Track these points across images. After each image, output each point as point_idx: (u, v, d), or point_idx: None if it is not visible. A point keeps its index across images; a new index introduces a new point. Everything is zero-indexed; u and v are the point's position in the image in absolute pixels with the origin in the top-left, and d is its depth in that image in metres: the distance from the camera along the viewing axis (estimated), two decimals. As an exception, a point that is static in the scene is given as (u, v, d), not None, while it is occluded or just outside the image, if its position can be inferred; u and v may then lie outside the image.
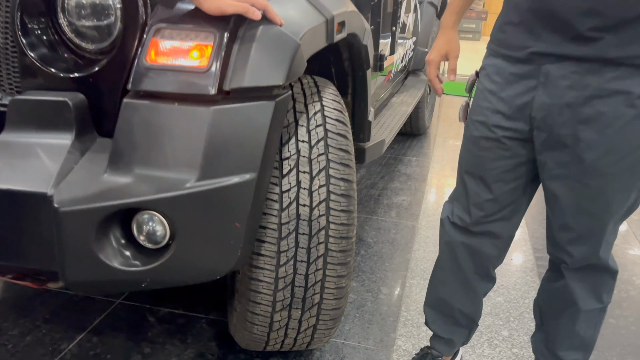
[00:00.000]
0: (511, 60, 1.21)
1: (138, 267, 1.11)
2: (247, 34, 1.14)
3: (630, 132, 1.11)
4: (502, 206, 1.33)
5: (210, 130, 1.09)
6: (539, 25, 1.14)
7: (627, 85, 1.09)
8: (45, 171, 1.08)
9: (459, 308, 1.50)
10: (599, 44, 1.09)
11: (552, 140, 1.18)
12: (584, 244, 1.27)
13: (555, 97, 1.15)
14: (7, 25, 1.19)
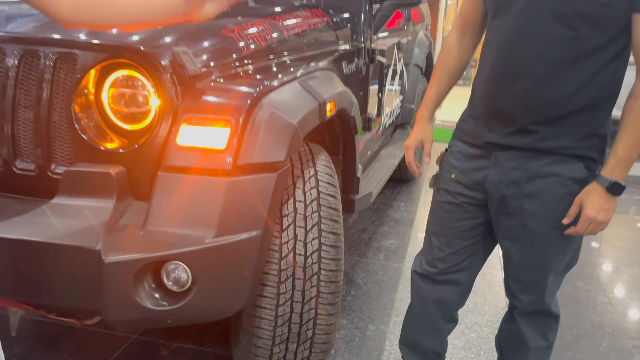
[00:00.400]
0: (471, 145, 1.50)
1: (166, 307, 1.38)
2: (256, 120, 1.43)
3: (563, 206, 1.40)
4: (462, 259, 1.60)
5: (226, 197, 1.38)
6: (492, 120, 1.44)
7: (559, 169, 1.38)
8: (93, 230, 1.36)
9: (427, 347, 1.75)
10: (537, 137, 1.38)
11: (502, 209, 1.47)
12: (531, 293, 1.55)
13: (503, 175, 1.44)
14: (63, 109, 1.49)
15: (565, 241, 1.46)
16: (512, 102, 1.39)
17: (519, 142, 1.40)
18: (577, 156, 1.38)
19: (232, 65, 1.64)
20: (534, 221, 1.43)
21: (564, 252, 1.48)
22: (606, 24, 1.29)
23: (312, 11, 2.31)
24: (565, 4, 1.29)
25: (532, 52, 1.34)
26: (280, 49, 1.92)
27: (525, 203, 1.43)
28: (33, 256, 1.34)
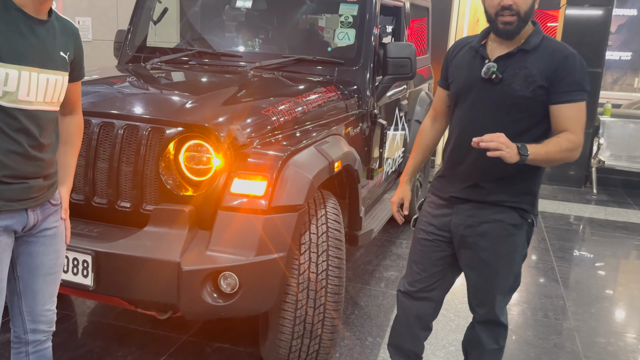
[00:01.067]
0: (439, 197, 2.11)
1: (220, 303, 2.01)
2: (284, 176, 2.09)
3: (506, 244, 1.99)
4: (435, 281, 2.17)
5: (263, 228, 2.02)
6: (454, 179, 2.05)
7: (501, 217, 1.97)
8: (174, 249, 2.01)
9: (408, 349, 2.31)
10: (485, 191, 1.98)
11: (462, 245, 2.06)
12: (484, 307, 2.12)
13: (462, 220, 2.03)
14: (152, 166, 2.17)
15: (508, 269, 2.04)
16: (468, 166, 1.99)
17: (472, 195, 2.00)
18: (513, 207, 1.97)
19: (268, 135, 2.32)
20: (485, 254, 2.01)
21: (507, 277, 2.06)
22: (533, 111, 1.90)
23: (326, 88, 3.00)
24: (504, 98, 1.90)
25: (480, 132, 1.86)
26: (302, 120, 2.60)
27: (478, 241, 2.01)
28: (134, 266, 2.00)
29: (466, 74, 1.97)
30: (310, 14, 3.81)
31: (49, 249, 1.75)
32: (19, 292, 1.77)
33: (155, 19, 3.78)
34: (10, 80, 1.49)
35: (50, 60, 1.60)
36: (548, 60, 1.87)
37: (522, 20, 1.86)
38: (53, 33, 1.62)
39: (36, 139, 1.60)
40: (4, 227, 1.60)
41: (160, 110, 2.28)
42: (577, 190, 6.21)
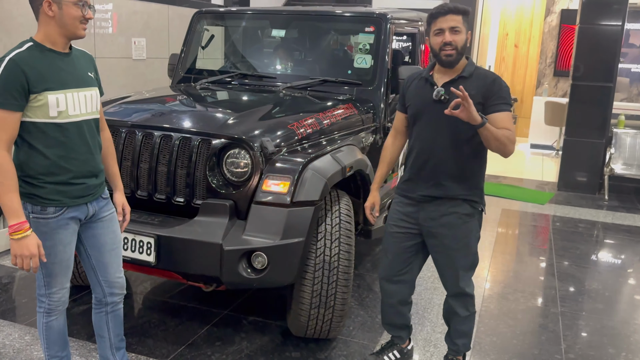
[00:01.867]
0: (406, 197, 2.63)
1: (253, 277, 2.59)
2: (304, 177, 2.66)
3: (462, 231, 2.53)
4: (406, 265, 2.69)
5: (286, 219, 2.59)
6: (419, 180, 2.57)
7: (457, 209, 2.51)
8: (218, 234, 2.60)
9: (397, 323, 2.84)
10: (445, 188, 2.51)
11: (428, 235, 2.59)
12: (451, 283, 2.63)
13: (427, 214, 2.56)
14: (201, 169, 2.77)
15: (466, 250, 2.56)
16: (430, 170, 2.53)
17: (435, 192, 2.53)
18: (466, 200, 2.52)
19: (293, 145, 2.89)
20: (447, 240, 2.55)
21: (466, 256, 2.58)
22: None
23: (345, 106, 3.56)
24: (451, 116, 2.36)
25: (436, 143, 2.48)
26: (323, 132, 3.16)
27: (441, 230, 2.55)
28: (187, 246, 2.60)
29: (420, 99, 2.53)
30: (334, 41, 4.39)
31: (107, 230, 2.34)
32: (94, 266, 2.37)
33: (203, 45, 4.43)
34: (61, 102, 2.07)
35: (83, 81, 2.17)
36: (482, 84, 2.43)
37: (459, 53, 2.43)
38: (77, 60, 2.19)
39: (88, 144, 2.19)
40: (72, 217, 2.19)
41: (208, 125, 2.88)
42: (590, 197, 6.56)
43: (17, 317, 3.26)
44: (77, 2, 2.05)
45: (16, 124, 2.02)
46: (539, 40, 10.50)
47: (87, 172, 2.20)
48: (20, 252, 2.01)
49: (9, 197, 1.99)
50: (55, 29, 2.07)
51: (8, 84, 1.97)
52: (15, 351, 2.91)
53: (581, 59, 6.47)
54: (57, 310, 2.28)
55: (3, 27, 4.44)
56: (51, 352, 2.35)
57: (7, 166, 1.99)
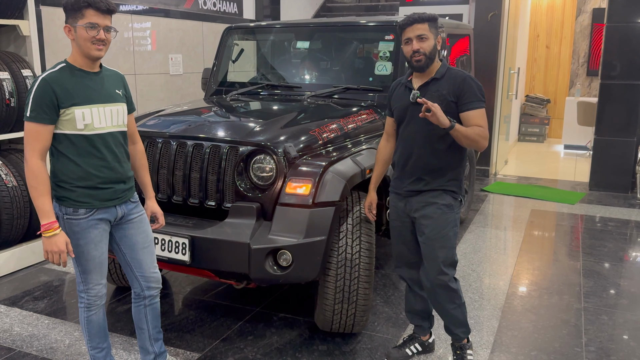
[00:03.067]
0: (396, 193, 2.80)
1: (279, 273, 2.78)
2: (324, 179, 2.84)
3: (441, 221, 2.68)
4: (415, 253, 2.84)
5: (309, 219, 2.78)
6: (403, 177, 2.74)
7: (437, 199, 2.68)
8: (246, 234, 2.81)
9: (418, 309, 3.00)
10: (425, 182, 2.68)
11: (415, 225, 2.76)
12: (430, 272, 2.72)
13: (412, 206, 2.73)
14: (230, 174, 2.98)
15: (444, 241, 2.69)
16: (411, 166, 2.71)
17: (416, 186, 2.71)
18: (445, 191, 2.69)
19: (315, 150, 3.08)
20: (427, 229, 2.70)
21: (443, 247, 2.70)
22: None
23: (367, 111, 3.73)
24: None
25: (416, 141, 2.68)
26: (344, 137, 3.35)
27: (422, 219, 2.71)
28: (219, 246, 2.82)
29: (401, 103, 2.74)
30: (360, 49, 4.57)
31: (138, 231, 2.57)
32: (129, 263, 2.60)
33: (234, 58, 4.68)
34: (86, 116, 2.32)
35: (110, 97, 2.41)
36: (452, 83, 2.63)
37: (428, 58, 2.62)
38: (106, 79, 2.43)
39: (115, 154, 2.42)
40: (101, 218, 2.43)
41: (236, 134, 3.10)
42: (623, 196, 6.52)
43: (67, 316, 3.54)
44: (87, 24, 2.28)
45: (48, 135, 2.29)
46: (571, 41, 10.44)
47: (114, 178, 2.44)
48: (50, 248, 2.28)
49: (41, 200, 2.26)
50: (76, 49, 2.34)
51: (40, 100, 2.25)
52: (66, 346, 3.18)
53: (609, 57, 6.46)
54: (95, 305, 2.52)
55: (50, 49, 4.80)
56: (93, 344, 2.59)
57: (40, 173, 2.26)
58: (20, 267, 4.29)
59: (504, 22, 7.36)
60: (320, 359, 3.04)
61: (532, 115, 10.78)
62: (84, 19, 2.27)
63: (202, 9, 6.85)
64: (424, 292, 2.96)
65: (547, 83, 10.89)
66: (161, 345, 2.76)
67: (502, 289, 3.97)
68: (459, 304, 2.82)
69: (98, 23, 2.28)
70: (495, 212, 5.98)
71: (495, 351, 3.13)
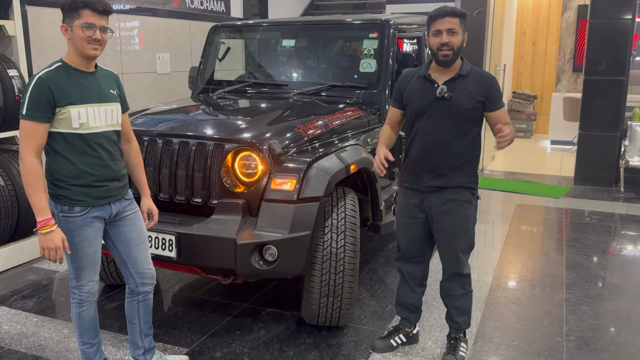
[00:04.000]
0: (410, 189, 2.85)
1: (264, 268, 2.83)
2: (309, 175, 2.89)
3: (461, 217, 2.74)
4: (419, 251, 2.92)
5: (293, 214, 2.82)
6: (422, 172, 2.79)
7: (457, 196, 2.73)
8: (232, 229, 2.85)
9: (409, 303, 3.06)
10: (447, 178, 2.73)
11: (433, 220, 2.81)
12: (451, 264, 2.84)
13: (430, 202, 2.79)
14: (216, 172, 3.02)
15: (465, 234, 2.77)
16: (432, 162, 2.74)
17: (438, 182, 2.75)
18: (465, 187, 2.74)
19: (299, 146, 3.13)
20: (447, 225, 2.76)
21: (465, 239, 2.79)
22: (472, 118, 2.68)
23: (352, 108, 3.78)
24: (453, 110, 2.65)
25: (439, 136, 2.70)
26: (329, 134, 3.39)
27: (442, 216, 2.77)
28: (205, 242, 2.86)
29: (422, 97, 2.72)
30: (347, 47, 4.62)
31: (132, 228, 2.61)
32: (124, 260, 2.64)
33: (220, 57, 4.72)
34: (82, 115, 2.36)
35: (104, 97, 2.45)
36: (480, 83, 2.67)
37: (455, 54, 2.63)
38: (101, 78, 2.47)
39: (109, 152, 2.46)
40: (96, 216, 2.47)
41: (221, 131, 3.14)
42: (607, 190, 6.62)
43: (56, 314, 3.57)
44: (83, 24, 2.31)
45: (44, 133, 2.32)
46: (557, 37, 10.54)
47: (109, 176, 2.47)
48: (46, 244, 2.31)
49: (37, 197, 2.29)
50: (72, 49, 2.37)
51: (36, 99, 2.28)
52: (55, 342, 3.21)
53: (593, 53, 6.55)
54: (87, 301, 2.56)
55: (36, 49, 4.81)
56: (84, 339, 2.63)
57: (36, 170, 2.30)
58: (9, 267, 4.30)
59: (489, 20, 7.44)
60: (307, 352, 3.09)
61: (519, 111, 10.87)
62: (80, 19, 2.31)
63: (190, 7, 6.87)
64: (419, 288, 3.01)
65: (533, 79, 10.99)
66: (151, 341, 2.80)
67: (486, 281, 4.03)
68: (467, 291, 2.90)
69: (94, 23, 2.32)
70: (482, 207, 6.05)
71: (478, 342, 3.20)
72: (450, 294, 2.93)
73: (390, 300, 3.72)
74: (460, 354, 2.95)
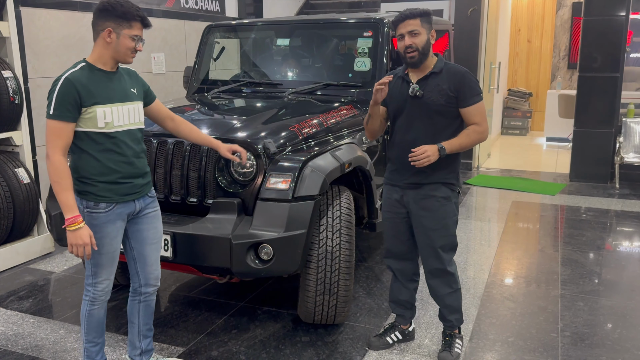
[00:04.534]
0: (393, 185, 2.86)
1: (260, 267, 2.83)
2: (304, 174, 2.90)
3: (440, 213, 2.76)
4: (405, 246, 2.92)
5: (289, 213, 2.83)
6: (402, 169, 2.80)
7: (436, 192, 2.75)
8: (227, 229, 2.86)
9: (403, 299, 3.07)
10: (425, 174, 2.74)
11: (412, 216, 2.82)
12: (431, 261, 2.84)
13: (410, 198, 2.80)
14: (211, 171, 3.03)
15: (444, 230, 2.79)
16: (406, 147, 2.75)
17: (417, 179, 2.77)
18: (444, 183, 2.76)
19: (294, 145, 3.14)
20: (426, 221, 2.79)
21: (445, 236, 2.80)
22: (447, 114, 2.70)
23: (346, 107, 3.79)
24: (427, 107, 2.68)
25: (416, 134, 2.73)
26: (324, 132, 3.40)
27: (421, 212, 2.79)
28: (200, 241, 2.86)
29: (399, 96, 2.77)
30: (342, 46, 4.63)
31: (150, 226, 2.63)
32: (135, 258, 2.65)
33: (215, 57, 4.72)
34: (107, 115, 2.38)
35: (127, 96, 2.47)
36: (452, 79, 2.68)
37: (421, 53, 2.67)
38: (122, 78, 2.49)
39: (133, 149, 2.48)
40: (120, 213, 2.49)
41: (216, 131, 3.15)
42: (602, 186, 6.65)
43: (52, 314, 3.57)
44: (133, 36, 2.37)
45: (70, 132, 2.35)
46: (552, 34, 10.57)
47: (133, 173, 2.50)
48: (75, 241, 2.33)
49: (65, 195, 2.32)
50: (109, 53, 2.40)
51: (63, 99, 2.30)
52: (51, 343, 3.21)
53: (587, 50, 6.57)
54: (100, 300, 2.57)
55: (31, 50, 4.81)
56: (89, 338, 2.63)
57: (63, 168, 2.33)
58: (5, 268, 4.30)
59: (484, 17, 7.45)
60: (304, 350, 3.10)
61: (515, 108, 10.90)
62: (131, 29, 2.37)
63: (184, 7, 6.87)
64: (411, 284, 3.03)
65: (529, 77, 11.02)
66: (149, 343, 2.80)
67: (481, 278, 4.05)
68: (455, 289, 2.91)
69: (140, 36, 2.40)
70: (478, 205, 6.07)
71: (474, 338, 3.21)
72: (437, 294, 2.94)
73: (386, 298, 3.73)
74: (455, 350, 2.96)
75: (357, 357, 3.03)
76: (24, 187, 4.32)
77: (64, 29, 5.09)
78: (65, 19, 5.10)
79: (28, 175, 4.39)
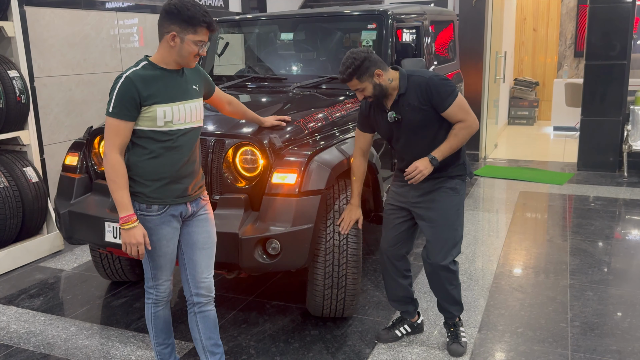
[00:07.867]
0: (402, 181, 2.86)
1: (268, 262, 2.84)
2: (310, 168, 2.90)
3: (447, 205, 2.76)
4: (401, 239, 2.93)
5: (296, 207, 2.83)
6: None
7: (443, 184, 2.76)
8: (235, 224, 2.87)
9: (401, 295, 3.06)
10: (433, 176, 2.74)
11: (418, 209, 2.82)
12: (434, 254, 2.83)
13: (417, 192, 2.81)
14: (218, 167, 3.04)
15: (451, 222, 2.79)
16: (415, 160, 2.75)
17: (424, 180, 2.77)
18: (451, 176, 2.78)
19: (300, 140, 3.14)
20: (434, 213, 2.79)
21: (452, 229, 2.80)
22: (430, 124, 2.71)
23: (351, 100, 3.79)
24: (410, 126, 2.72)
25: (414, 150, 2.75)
26: (329, 126, 3.40)
27: (429, 203, 2.80)
28: (208, 236, 2.87)
29: (384, 124, 2.84)
30: (346, 39, 4.62)
31: (201, 229, 2.55)
32: (185, 263, 2.54)
33: (219, 52, 4.72)
34: (167, 114, 2.33)
35: (187, 94, 2.42)
36: (418, 92, 2.71)
37: (377, 96, 2.74)
38: (184, 75, 2.43)
39: (190, 150, 2.43)
40: (173, 215, 2.44)
41: (222, 127, 3.16)
42: (610, 175, 6.61)
43: (63, 312, 3.61)
44: (198, 42, 2.30)
45: (128, 131, 2.31)
46: (558, 23, 10.49)
47: (188, 174, 2.46)
48: (128, 240, 2.32)
49: (120, 194, 2.31)
50: (172, 56, 2.33)
51: (123, 97, 2.26)
52: (63, 340, 3.24)
53: (594, 38, 6.52)
54: (163, 301, 2.57)
55: (36, 49, 4.82)
56: (159, 340, 2.63)
57: (119, 167, 2.30)
58: (15, 267, 4.34)
59: (489, 7, 7.40)
60: (313, 344, 3.11)
61: (521, 98, 10.84)
62: (196, 35, 2.29)
63: (188, 3, 6.86)
64: (404, 280, 3.02)
65: (535, 66, 10.95)
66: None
67: (490, 269, 4.05)
68: (456, 285, 2.91)
69: (206, 41, 2.34)
70: (485, 196, 6.06)
71: (483, 329, 3.21)
72: (439, 290, 2.94)
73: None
74: (462, 340, 2.97)
75: (366, 350, 3.04)
76: (33, 186, 4.35)
77: (68, 27, 5.11)
78: (69, 17, 5.11)
79: (36, 174, 4.41)
